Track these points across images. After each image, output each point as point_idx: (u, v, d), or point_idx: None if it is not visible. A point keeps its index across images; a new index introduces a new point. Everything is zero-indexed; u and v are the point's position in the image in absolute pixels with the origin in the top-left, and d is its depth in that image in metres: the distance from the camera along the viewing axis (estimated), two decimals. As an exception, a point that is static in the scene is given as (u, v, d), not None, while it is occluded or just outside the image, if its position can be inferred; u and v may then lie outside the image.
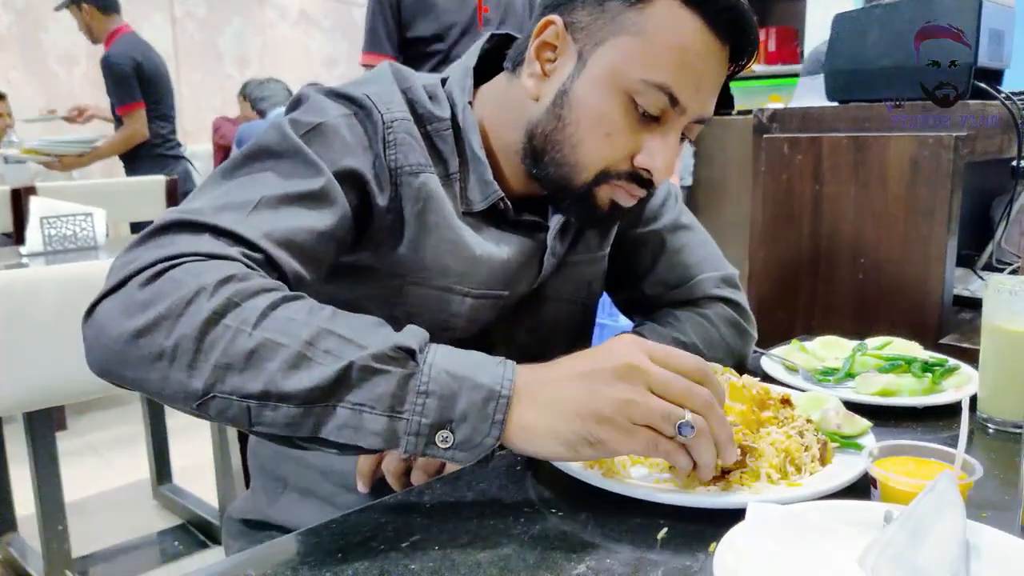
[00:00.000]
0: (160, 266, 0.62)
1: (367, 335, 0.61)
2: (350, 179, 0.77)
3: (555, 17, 0.80)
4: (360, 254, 0.82)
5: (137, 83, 3.31)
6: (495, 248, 0.86)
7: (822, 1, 3.51)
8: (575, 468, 0.69)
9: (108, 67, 3.30)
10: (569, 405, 0.61)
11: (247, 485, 1.07)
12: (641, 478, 0.70)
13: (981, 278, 1.44)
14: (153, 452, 2.46)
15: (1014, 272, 1.48)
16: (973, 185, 1.32)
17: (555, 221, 0.91)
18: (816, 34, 3.67)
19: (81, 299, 0.63)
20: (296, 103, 0.82)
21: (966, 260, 1.48)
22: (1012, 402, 0.84)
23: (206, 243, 0.65)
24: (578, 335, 1.02)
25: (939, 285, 1.22)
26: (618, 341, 0.66)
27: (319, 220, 0.73)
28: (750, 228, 1.42)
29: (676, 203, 1.05)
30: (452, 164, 0.85)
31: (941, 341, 1.21)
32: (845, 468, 0.70)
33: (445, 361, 0.62)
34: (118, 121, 3.38)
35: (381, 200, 0.80)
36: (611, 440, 0.61)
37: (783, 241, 1.36)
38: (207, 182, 0.74)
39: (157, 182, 3.07)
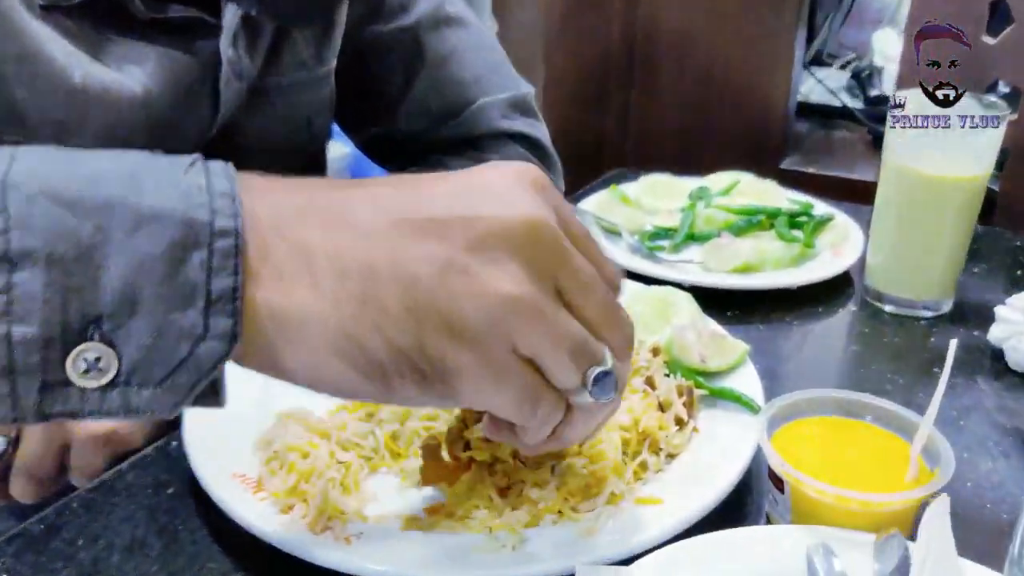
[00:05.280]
0: None
1: None
2: None
3: None
4: None
5: None
6: (117, 75, 0.55)
7: None
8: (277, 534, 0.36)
9: None
10: (392, 284, 0.30)
11: None
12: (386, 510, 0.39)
13: (813, 75, 1.23)
14: None
15: (847, 65, 1.28)
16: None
17: (230, 14, 0.56)
18: None
19: None
20: None
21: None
22: (920, 272, 0.61)
23: None
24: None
25: (784, 91, 0.99)
26: (499, 170, 0.34)
27: None
28: (543, 22, 1.11)
29: (437, -15, 0.77)
30: None
31: (782, 166, 1.00)
32: (722, 457, 0.42)
33: (47, 174, 0.29)
34: None
35: None
36: (467, 373, 0.31)
37: (587, 41, 1.08)
38: None
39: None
